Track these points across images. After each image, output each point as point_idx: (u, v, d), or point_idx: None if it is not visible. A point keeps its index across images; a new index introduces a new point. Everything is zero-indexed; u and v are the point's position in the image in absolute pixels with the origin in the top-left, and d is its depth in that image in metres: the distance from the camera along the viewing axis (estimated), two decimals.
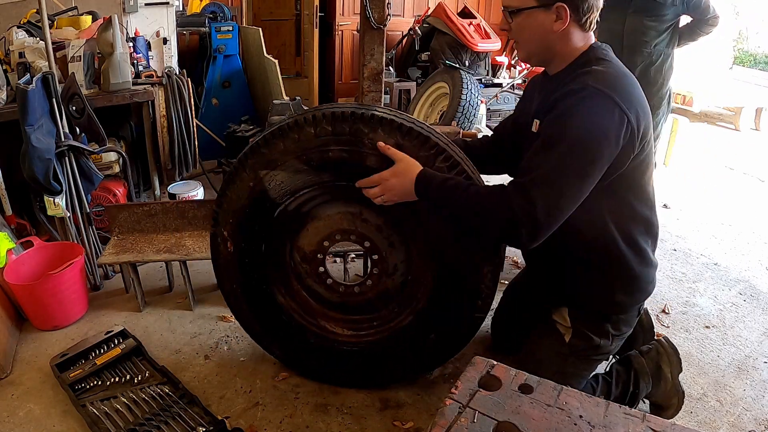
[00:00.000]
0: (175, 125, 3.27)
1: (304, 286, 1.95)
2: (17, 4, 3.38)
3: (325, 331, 1.94)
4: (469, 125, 4.23)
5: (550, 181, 1.38)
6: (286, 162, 1.67)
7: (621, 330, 1.73)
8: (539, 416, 1.14)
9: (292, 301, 1.94)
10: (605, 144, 1.38)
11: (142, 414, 1.81)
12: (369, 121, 1.59)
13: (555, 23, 1.49)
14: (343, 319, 1.96)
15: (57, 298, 2.25)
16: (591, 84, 1.40)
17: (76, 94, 2.59)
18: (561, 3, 1.46)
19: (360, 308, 1.95)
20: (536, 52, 1.58)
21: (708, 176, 4.57)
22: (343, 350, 1.94)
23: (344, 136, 1.61)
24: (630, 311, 1.72)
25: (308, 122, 1.62)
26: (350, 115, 1.60)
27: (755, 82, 6.53)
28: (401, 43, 6.07)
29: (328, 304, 1.96)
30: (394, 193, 1.59)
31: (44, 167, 2.28)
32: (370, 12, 2.66)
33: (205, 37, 4.41)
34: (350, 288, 1.92)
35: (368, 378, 1.99)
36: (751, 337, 2.40)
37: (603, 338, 1.71)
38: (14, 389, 1.96)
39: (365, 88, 2.84)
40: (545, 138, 1.44)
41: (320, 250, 1.86)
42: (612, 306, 1.69)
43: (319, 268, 1.89)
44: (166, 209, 2.58)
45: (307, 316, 1.95)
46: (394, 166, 1.58)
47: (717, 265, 3.03)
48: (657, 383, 1.85)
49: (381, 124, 1.59)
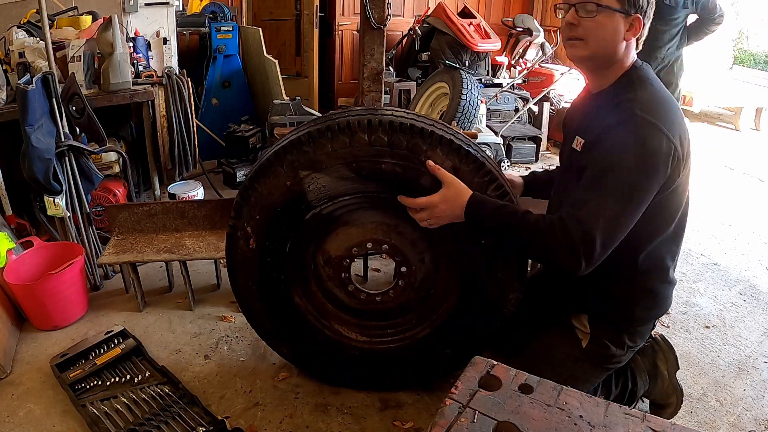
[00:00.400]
0: (175, 125, 3.27)
1: (323, 289, 1.90)
2: (17, 4, 3.39)
3: (339, 334, 1.91)
4: (469, 125, 4.23)
5: (606, 215, 1.41)
6: (333, 167, 1.57)
7: (636, 342, 1.75)
8: (539, 416, 1.14)
9: (309, 303, 1.89)
10: (655, 176, 1.42)
11: (142, 414, 1.81)
12: (428, 137, 1.54)
13: (627, 32, 1.49)
14: (359, 324, 1.93)
15: (57, 298, 2.25)
16: (638, 113, 1.41)
17: (76, 94, 2.59)
18: (638, 15, 1.47)
19: (378, 315, 1.92)
20: (600, 55, 1.53)
21: (708, 176, 4.57)
22: (353, 354, 1.91)
23: (400, 150, 1.54)
24: (647, 325, 1.75)
25: (362, 128, 1.54)
26: (409, 128, 1.53)
27: (755, 82, 6.52)
28: (401, 43, 6.07)
29: (345, 308, 1.92)
30: (442, 219, 1.57)
31: (44, 167, 2.28)
32: (370, 12, 2.66)
33: (205, 37, 4.41)
34: (372, 296, 1.88)
35: (375, 382, 1.98)
36: (751, 337, 2.40)
37: (619, 348, 1.72)
38: (14, 389, 1.96)
39: (365, 88, 2.83)
40: (598, 171, 1.45)
41: (348, 255, 1.80)
42: (631, 319, 1.71)
43: (342, 274, 1.84)
44: (166, 209, 2.58)
45: (322, 318, 1.91)
46: (444, 190, 1.55)
47: (717, 265, 3.03)
48: (654, 381, 1.86)
49: (440, 143, 1.54)
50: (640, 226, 1.53)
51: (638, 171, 1.40)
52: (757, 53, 8.60)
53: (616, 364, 1.77)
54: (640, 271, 1.63)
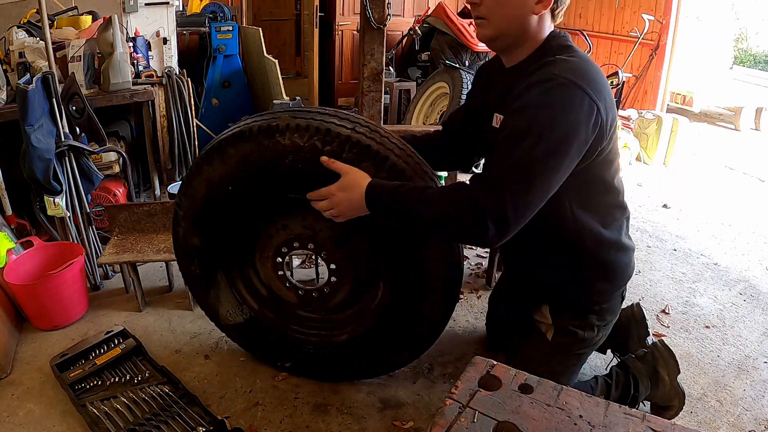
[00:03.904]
0: (175, 125, 3.27)
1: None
2: (17, 4, 3.38)
3: None
4: None
5: (518, 176, 1.30)
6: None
7: (606, 319, 1.70)
8: (539, 416, 1.14)
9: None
10: (574, 136, 1.31)
11: (142, 414, 1.81)
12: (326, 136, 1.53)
13: (537, 5, 1.40)
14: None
15: (57, 298, 2.25)
16: (558, 74, 1.32)
17: (76, 94, 2.59)
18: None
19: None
20: (507, 33, 1.45)
21: (708, 176, 4.57)
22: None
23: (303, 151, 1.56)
24: (612, 298, 1.69)
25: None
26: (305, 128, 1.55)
27: (755, 82, 6.52)
28: (401, 43, 6.07)
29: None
30: (344, 208, 1.50)
31: (44, 167, 2.28)
32: (370, 12, 2.66)
33: (205, 37, 4.40)
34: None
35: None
36: (751, 337, 2.40)
37: (587, 330, 1.68)
38: (14, 389, 1.96)
39: (365, 88, 2.84)
40: (511, 131, 1.34)
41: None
42: (593, 296, 1.66)
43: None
44: (166, 209, 2.57)
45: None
46: (340, 180, 1.48)
47: (717, 265, 3.03)
48: (655, 386, 1.85)
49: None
50: (575, 199, 1.48)
51: (556, 132, 1.29)
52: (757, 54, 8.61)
53: (591, 346, 1.74)
54: (588, 245, 1.56)
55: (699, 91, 6.03)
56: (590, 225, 1.55)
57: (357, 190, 1.46)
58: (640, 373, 1.84)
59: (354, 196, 1.46)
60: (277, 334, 1.98)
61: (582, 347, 1.72)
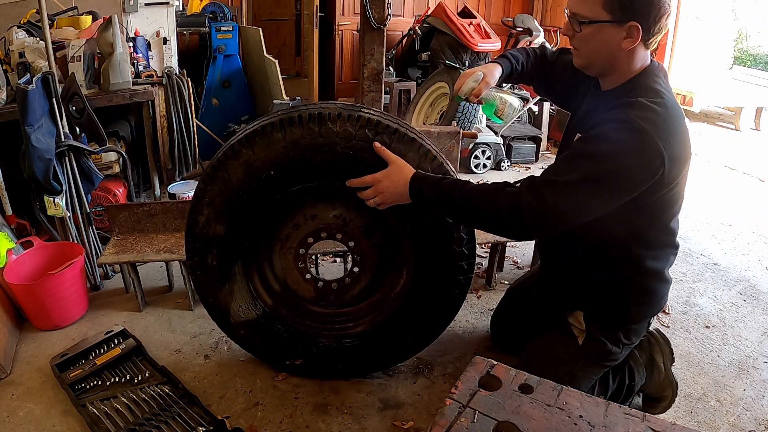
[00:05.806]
0: (175, 125, 3.27)
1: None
2: (17, 4, 3.38)
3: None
4: (469, 125, 4.23)
5: (564, 190, 1.39)
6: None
7: (631, 339, 1.75)
8: (539, 416, 1.14)
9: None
10: (627, 177, 1.38)
11: (142, 414, 1.81)
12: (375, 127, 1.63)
13: (624, 41, 1.44)
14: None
15: (57, 298, 2.25)
16: (633, 118, 1.37)
17: (76, 94, 2.59)
18: (635, 22, 1.40)
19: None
20: (597, 65, 1.54)
21: (708, 176, 4.57)
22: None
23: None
24: (642, 322, 1.75)
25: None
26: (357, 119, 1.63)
27: (755, 82, 6.52)
28: (401, 43, 6.07)
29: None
30: (388, 196, 1.60)
31: (44, 167, 2.28)
32: (370, 12, 2.67)
33: (205, 37, 4.41)
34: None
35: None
36: (751, 337, 2.40)
37: (614, 345, 1.73)
38: (14, 389, 1.96)
39: (365, 88, 2.84)
40: (573, 152, 1.45)
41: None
42: (626, 317, 1.71)
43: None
44: (166, 209, 2.57)
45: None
46: (387, 168, 1.59)
47: (717, 265, 3.03)
48: (651, 374, 1.88)
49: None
50: (631, 229, 1.54)
51: (613, 170, 1.38)
52: (758, 54, 8.61)
53: (613, 361, 1.78)
54: (638, 270, 1.63)
55: (699, 91, 6.02)
56: (640, 254, 1.60)
57: (402, 179, 1.56)
58: (636, 360, 1.87)
59: (399, 185, 1.57)
60: (290, 330, 1.96)
61: (607, 359, 1.76)
